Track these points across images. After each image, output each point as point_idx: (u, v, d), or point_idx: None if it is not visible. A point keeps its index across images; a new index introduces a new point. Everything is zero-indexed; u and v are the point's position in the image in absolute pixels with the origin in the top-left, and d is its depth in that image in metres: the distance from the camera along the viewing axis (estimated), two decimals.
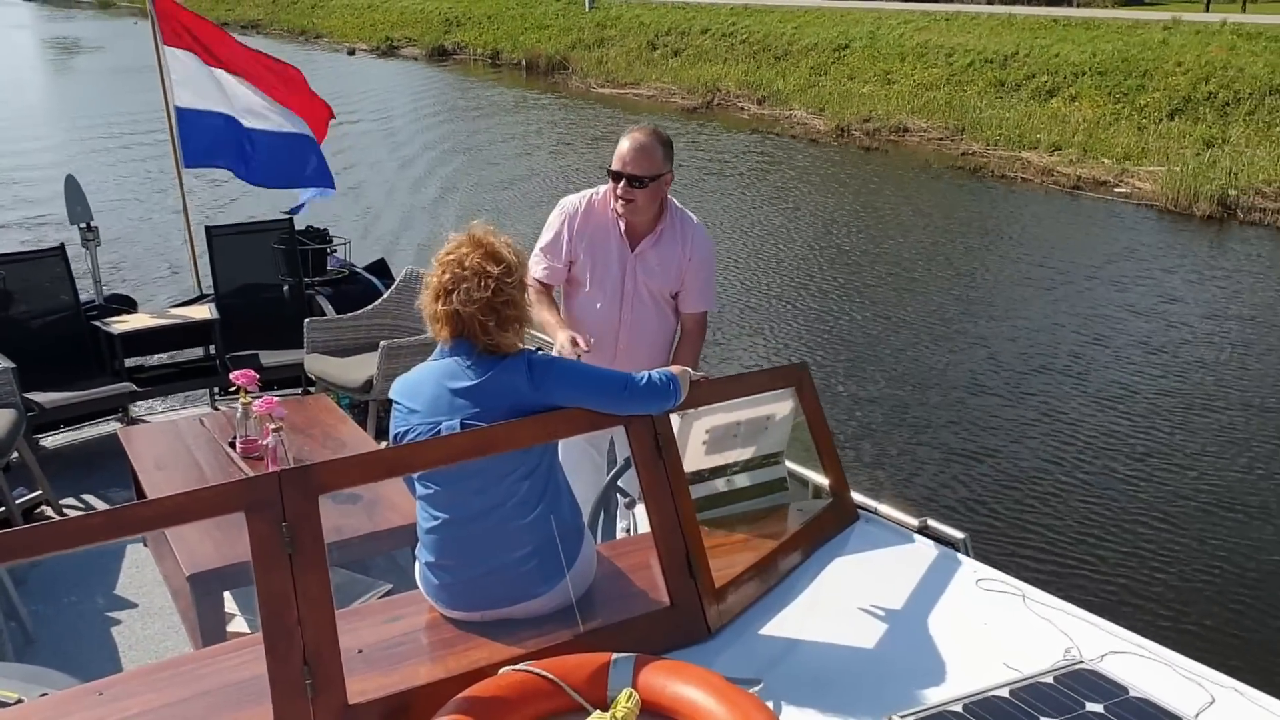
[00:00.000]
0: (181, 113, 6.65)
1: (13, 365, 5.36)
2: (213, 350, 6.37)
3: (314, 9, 50.05)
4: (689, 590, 2.80)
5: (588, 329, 3.91)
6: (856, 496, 4.14)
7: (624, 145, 3.75)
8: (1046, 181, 18.01)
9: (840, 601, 3.04)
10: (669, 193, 3.94)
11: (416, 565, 2.91)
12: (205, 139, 6.68)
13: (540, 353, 2.80)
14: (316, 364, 5.87)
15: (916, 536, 3.46)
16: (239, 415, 4.52)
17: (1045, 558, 6.81)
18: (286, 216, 6.80)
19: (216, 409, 6.75)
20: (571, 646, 2.69)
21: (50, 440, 6.16)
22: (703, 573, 2.84)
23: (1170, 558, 6.81)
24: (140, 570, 4.81)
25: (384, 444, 3.69)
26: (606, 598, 2.93)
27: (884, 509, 4.02)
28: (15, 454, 5.18)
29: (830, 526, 3.46)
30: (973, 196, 17.36)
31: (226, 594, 4.11)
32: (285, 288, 6.68)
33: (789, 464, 4.13)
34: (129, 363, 6.25)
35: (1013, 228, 15.42)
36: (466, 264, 2.73)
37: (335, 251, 7.21)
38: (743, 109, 26.07)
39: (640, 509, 3.66)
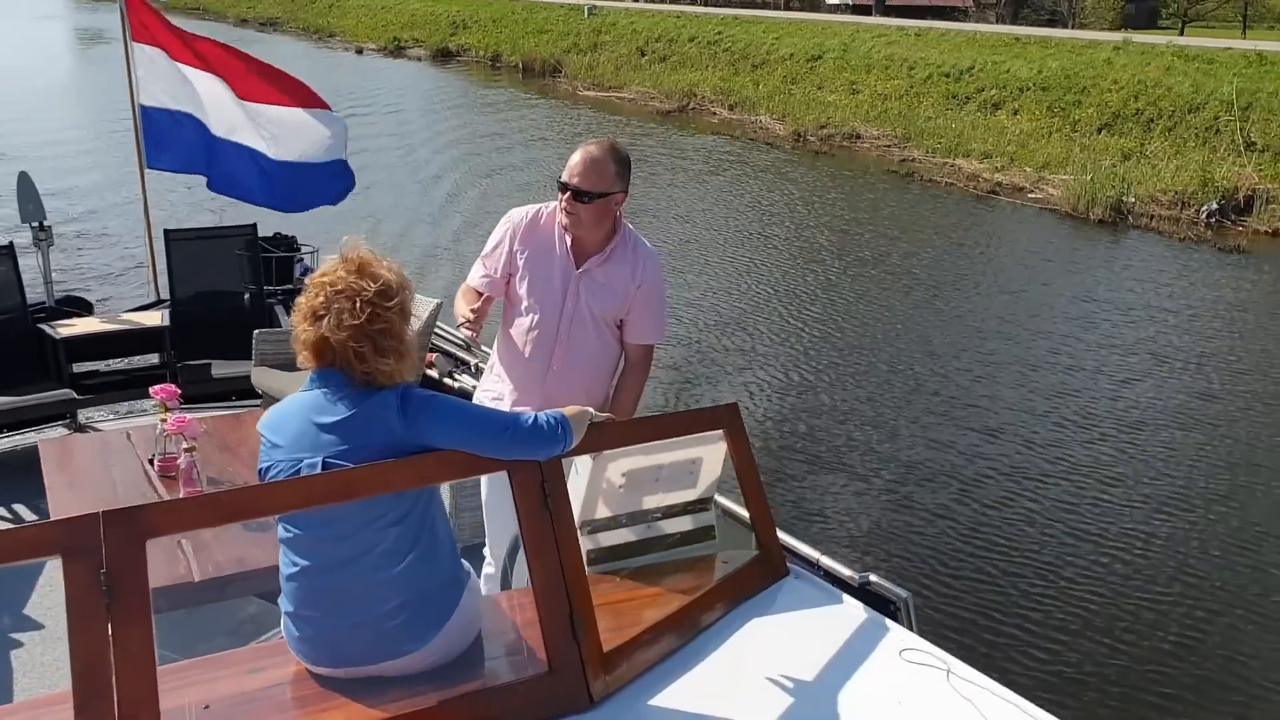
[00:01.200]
0: (146, 111, 6.47)
1: None
2: (166, 358, 6.16)
3: (330, 9, 50.75)
4: (570, 654, 2.55)
5: (522, 346, 3.69)
6: (799, 546, 3.90)
7: (576, 156, 3.51)
8: (969, 186, 19.28)
9: (747, 670, 2.78)
10: (625, 217, 3.71)
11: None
12: (170, 140, 6.49)
13: (420, 388, 2.56)
14: (263, 377, 5.64)
15: (846, 598, 3.20)
16: (158, 432, 4.30)
17: (996, 618, 6.40)
18: (250, 223, 6.59)
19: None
20: (436, 714, 2.44)
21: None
22: (588, 635, 2.58)
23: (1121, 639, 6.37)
24: (54, 590, 4.58)
25: None
26: (485, 658, 2.69)
27: (825, 561, 3.77)
28: None
29: (754, 582, 3.20)
30: (896, 197, 18.81)
31: None
32: (246, 296, 6.47)
33: (735, 510, 3.91)
34: (80, 368, 6.06)
35: (923, 225, 16.87)
36: (340, 285, 2.50)
37: (303, 259, 7.00)
38: (715, 113, 27.28)
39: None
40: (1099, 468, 8.30)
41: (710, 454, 3.31)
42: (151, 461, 4.35)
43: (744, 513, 4.07)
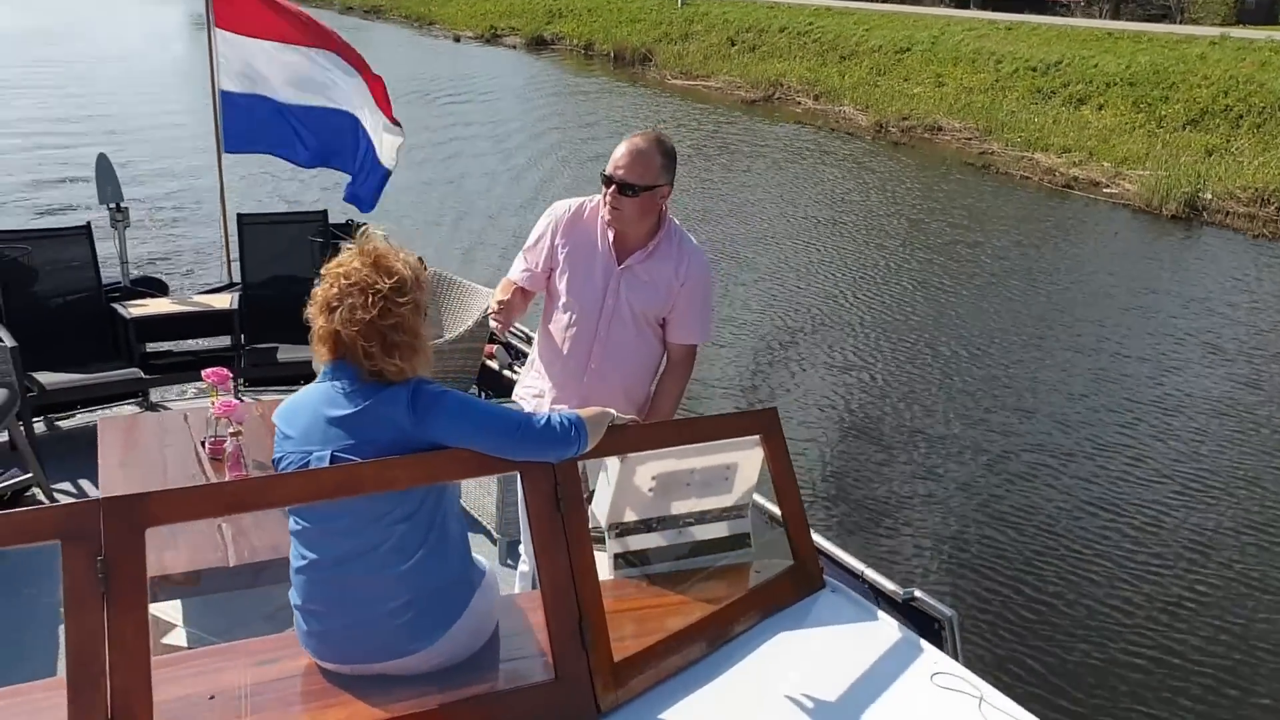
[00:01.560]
0: (226, 96, 6.55)
1: (13, 344, 5.28)
2: (234, 341, 6.23)
3: None
4: (578, 663, 2.47)
5: (560, 343, 3.62)
6: (843, 556, 3.77)
7: (620, 148, 3.41)
8: (1044, 180, 19.17)
9: (768, 685, 2.67)
10: (671, 211, 3.61)
11: None
12: (249, 124, 6.57)
13: (433, 383, 2.50)
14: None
15: (882, 615, 3.06)
16: (210, 415, 4.33)
17: (1045, 648, 5.95)
18: (321, 209, 6.64)
19: (240, 400, 6.64)
20: (438, 716, 2.39)
21: (67, 422, 6.10)
22: (598, 643, 2.50)
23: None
24: None
25: None
26: (495, 661, 2.62)
27: (869, 574, 3.64)
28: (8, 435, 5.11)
29: (785, 594, 3.09)
30: (970, 188, 18.78)
31: (170, 604, 3.91)
32: (314, 281, 6.50)
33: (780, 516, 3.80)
34: (154, 348, 6.16)
35: (994, 216, 16.93)
36: (354, 278, 2.45)
37: None
38: (799, 103, 27.23)
39: None
40: (1183, 502, 7.80)
41: (747, 460, 3.21)
42: (204, 444, 4.39)
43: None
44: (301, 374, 6.09)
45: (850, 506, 7.16)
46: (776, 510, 3.95)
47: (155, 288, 6.55)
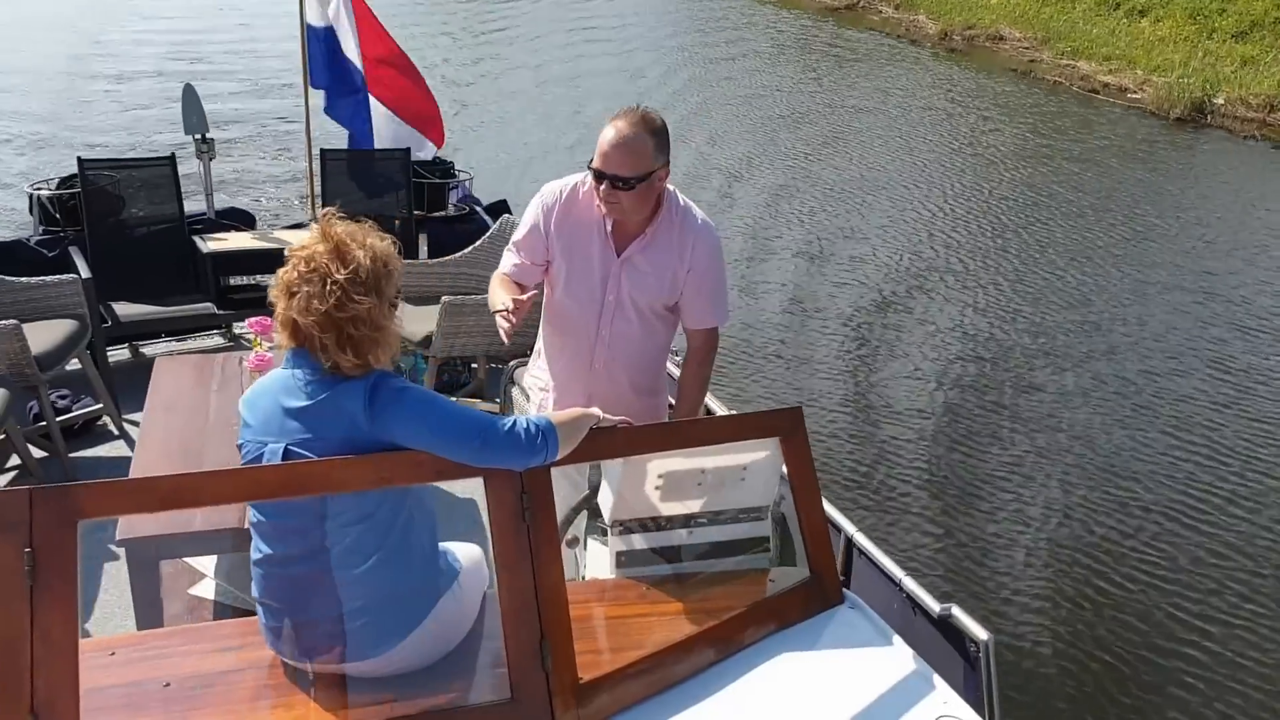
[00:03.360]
0: (313, 30, 6.46)
1: (87, 276, 5.35)
2: None
3: None
4: (536, 684, 2.31)
5: (561, 341, 3.40)
6: (883, 561, 3.53)
7: (606, 137, 3.08)
8: (1075, 85, 19.64)
9: (750, 713, 2.47)
10: (673, 186, 3.32)
11: None
12: (331, 60, 6.50)
13: (396, 379, 2.34)
14: None
15: (897, 640, 2.82)
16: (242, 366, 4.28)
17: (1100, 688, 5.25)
18: (404, 146, 6.53)
19: None
20: None
21: (150, 349, 6.19)
22: (560, 664, 2.33)
23: None
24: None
25: None
26: (458, 672, 2.48)
27: (908, 583, 3.39)
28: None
29: (795, 609, 2.86)
30: (1001, 91, 19.30)
31: (207, 559, 3.91)
32: (396, 221, 6.43)
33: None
34: (235, 282, 6.18)
35: (1007, 115, 17.41)
36: (313, 263, 2.29)
37: (457, 186, 6.91)
38: (880, 12, 27.05)
39: (583, 551, 3.18)
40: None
41: (766, 460, 2.98)
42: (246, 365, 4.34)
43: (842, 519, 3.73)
44: None
45: (907, 501, 6.62)
46: (837, 517, 3.74)
47: (241, 220, 6.56)
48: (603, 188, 3.09)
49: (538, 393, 3.53)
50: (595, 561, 3.12)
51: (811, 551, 2.93)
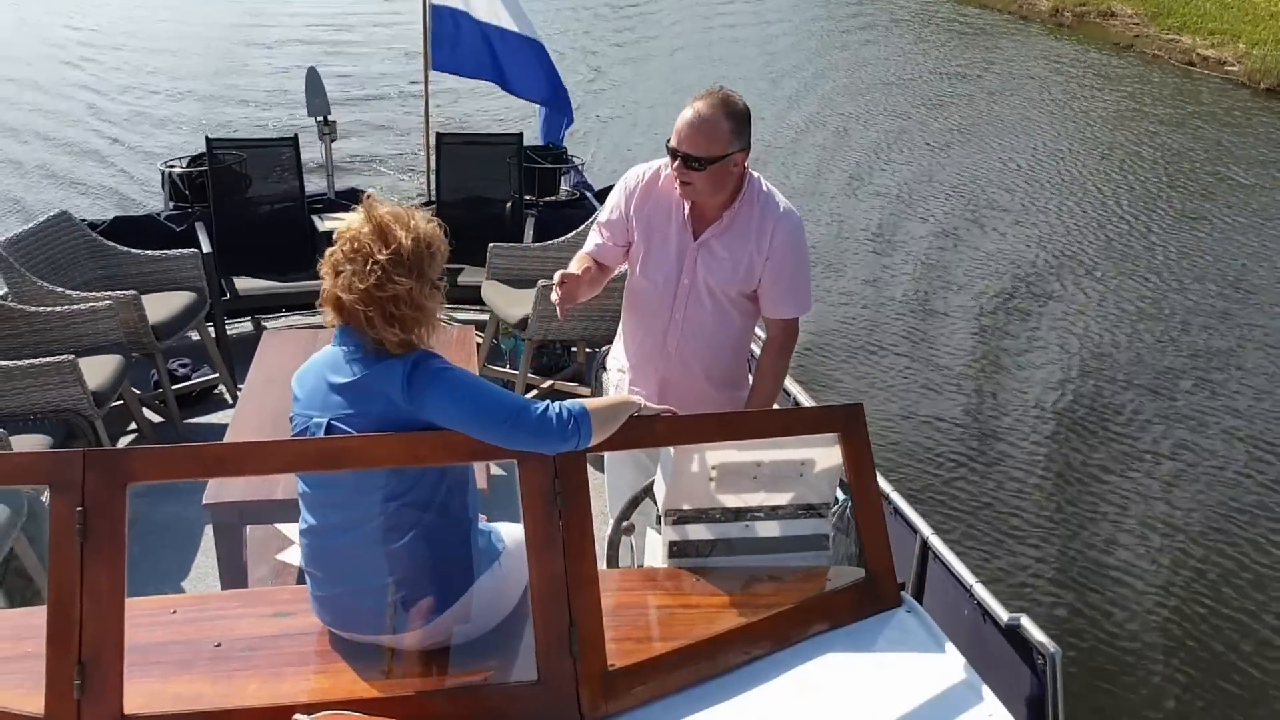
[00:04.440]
0: (437, 10, 6.57)
1: (207, 251, 5.59)
2: None
3: None
4: (563, 667, 2.32)
5: (637, 323, 3.40)
6: (954, 563, 3.44)
7: (684, 116, 3.07)
8: (1173, 58, 19.66)
9: (778, 715, 2.43)
10: (758, 174, 3.28)
11: None
12: (455, 41, 6.60)
13: (437, 359, 2.37)
14: (491, 291, 5.69)
15: (950, 648, 2.73)
16: None
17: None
18: (517, 132, 6.62)
19: None
20: (414, 704, 2.31)
21: (273, 323, 6.44)
22: (588, 651, 2.34)
23: None
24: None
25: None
26: (494, 650, 2.51)
27: (978, 590, 3.30)
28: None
29: (846, 610, 2.80)
30: (1095, 64, 19.47)
31: (294, 526, 4.05)
32: (507, 205, 6.53)
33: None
34: None
35: (1102, 85, 17.72)
36: (357, 243, 2.35)
37: (569, 171, 6.97)
38: None
39: (640, 538, 3.18)
40: None
41: (825, 456, 2.92)
42: None
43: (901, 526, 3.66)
44: (478, 298, 6.14)
45: (994, 504, 6.34)
46: (914, 519, 3.66)
47: (360, 200, 6.74)
48: (676, 165, 3.10)
49: (615, 374, 3.56)
50: (651, 550, 3.11)
51: (868, 552, 2.86)
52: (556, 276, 3.13)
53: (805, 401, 4.69)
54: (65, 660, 2.16)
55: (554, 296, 3.12)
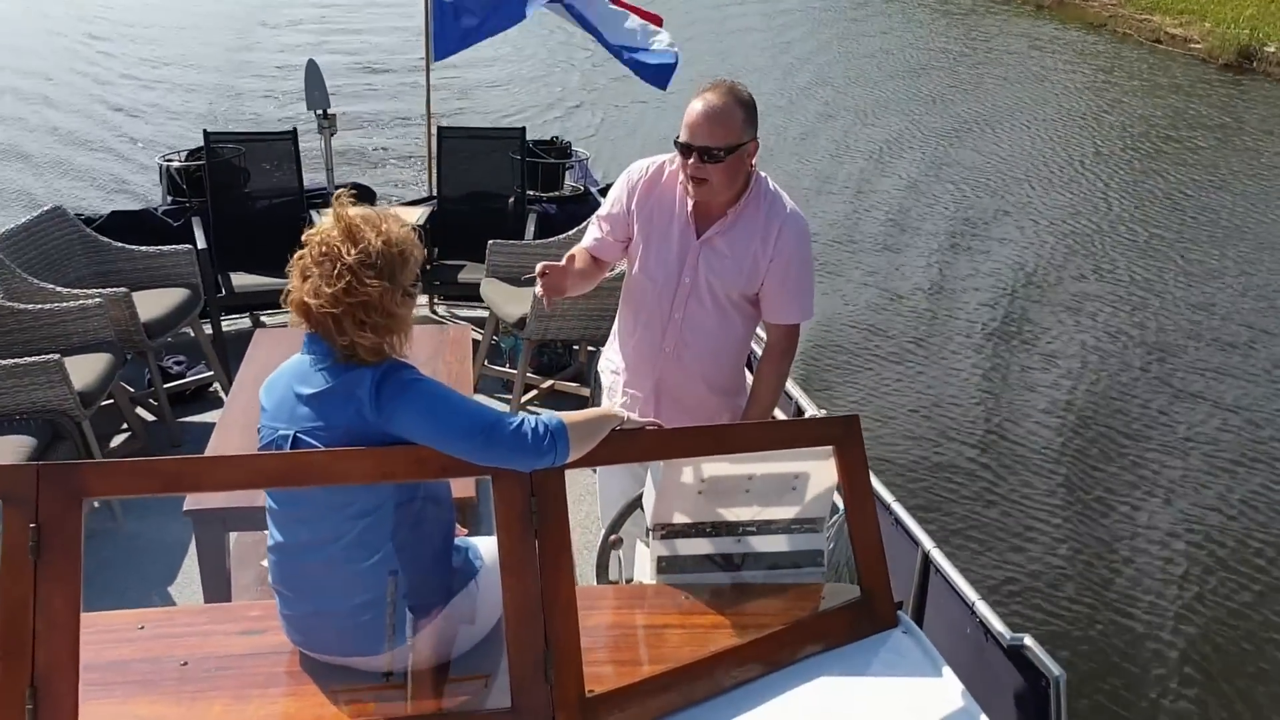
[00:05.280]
0: (439, 3, 6.45)
1: (203, 247, 5.50)
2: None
3: None
4: (538, 695, 2.22)
5: (634, 324, 3.29)
6: (956, 579, 3.33)
7: (694, 108, 2.97)
8: (1141, 37, 20.70)
9: None
10: (760, 169, 3.17)
11: None
12: (456, 26, 6.46)
13: (409, 369, 2.27)
14: (489, 289, 5.58)
15: (947, 672, 2.62)
16: None
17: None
18: (519, 126, 6.51)
19: (434, 312, 6.72)
20: None
21: (271, 319, 6.35)
22: (564, 675, 2.23)
23: None
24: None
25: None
26: (467, 674, 2.41)
27: (980, 608, 3.19)
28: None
29: (840, 630, 2.69)
30: (1065, 42, 20.49)
31: None
32: (511, 200, 6.42)
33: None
34: None
35: (1068, 60, 18.86)
36: (325, 245, 2.25)
37: (573, 166, 6.85)
38: None
39: (630, 550, 3.07)
40: None
41: (820, 469, 2.81)
42: None
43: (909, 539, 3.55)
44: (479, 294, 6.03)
45: (998, 518, 6.11)
46: (916, 531, 3.55)
47: (361, 195, 6.63)
48: (690, 162, 2.98)
49: (609, 375, 3.46)
50: (640, 563, 3.01)
51: (863, 569, 2.75)
52: (539, 267, 3.03)
53: (806, 405, 4.57)
54: (17, 682, 2.07)
55: (537, 289, 3.03)
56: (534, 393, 5.60)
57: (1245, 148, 13.89)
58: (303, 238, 2.31)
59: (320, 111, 6.38)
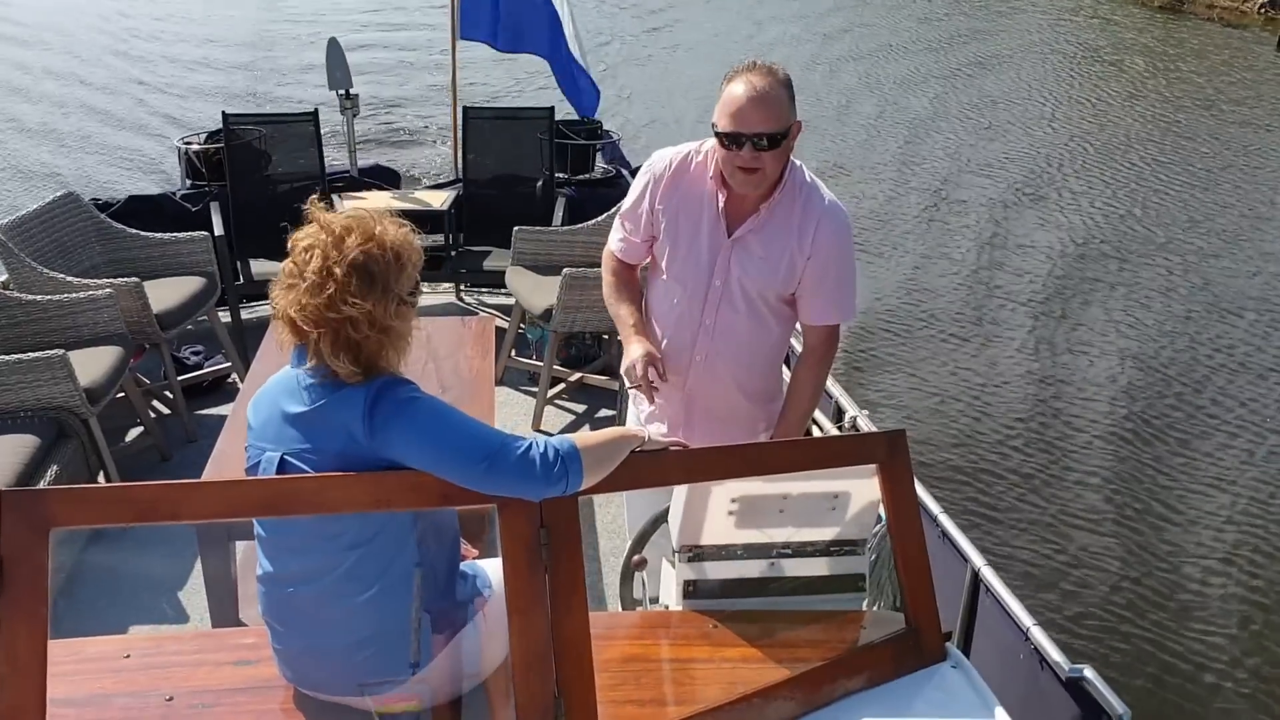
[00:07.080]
0: None
1: (219, 234, 5.32)
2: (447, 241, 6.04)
3: None
4: None
5: (662, 330, 3.05)
6: (1010, 603, 3.10)
7: (736, 94, 2.68)
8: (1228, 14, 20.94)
9: None
10: (799, 161, 2.92)
11: None
12: (484, 10, 6.28)
13: (405, 387, 2.05)
14: (515, 278, 5.37)
15: (999, 712, 2.38)
16: None
17: None
18: (548, 105, 6.27)
19: (461, 300, 6.53)
20: None
21: None
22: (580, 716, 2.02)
23: None
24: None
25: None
26: (473, 716, 2.21)
27: (1036, 634, 2.95)
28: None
29: (884, 665, 2.46)
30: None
31: None
32: (539, 182, 6.20)
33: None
34: None
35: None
36: (310, 254, 2.03)
37: (603, 148, 6.61)
38: None
39: (656, 571, 2.86)
40: None
41: (861, 487, 2.58)
42: None
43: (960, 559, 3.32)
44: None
45: (1061, 532, 5.73)
46: (966, 548, 3.33)
47: (385, 178, 6.46)
48: (744, 153, 2.70)
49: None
50: (666, 585, 2.80)
51: (910, 601, 2.51)
52: (646, 360, 2.89)
53: (847, 405, 4.32)
54: None
55: (655, 375, 2.89)
56: (561, 386, 5.39)
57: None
58: (288, 244, 2.09)
59: (342, 91, 6.18)
